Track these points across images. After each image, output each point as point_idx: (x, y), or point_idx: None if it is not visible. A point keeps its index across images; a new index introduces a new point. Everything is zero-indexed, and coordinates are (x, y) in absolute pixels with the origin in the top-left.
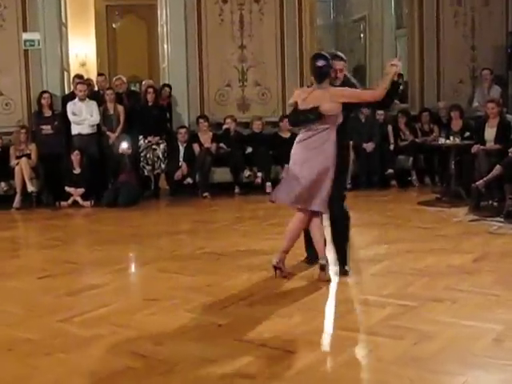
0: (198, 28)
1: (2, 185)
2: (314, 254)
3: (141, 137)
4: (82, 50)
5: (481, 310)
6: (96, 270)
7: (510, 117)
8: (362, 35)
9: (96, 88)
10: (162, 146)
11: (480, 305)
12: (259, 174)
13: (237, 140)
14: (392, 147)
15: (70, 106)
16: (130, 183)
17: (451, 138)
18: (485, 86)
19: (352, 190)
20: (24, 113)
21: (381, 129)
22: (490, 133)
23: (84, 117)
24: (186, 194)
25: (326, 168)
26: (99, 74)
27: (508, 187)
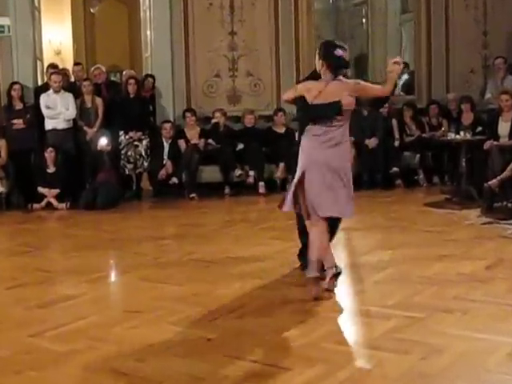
0: (183, 13)
1: None
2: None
3: (121, 132)
4: (57, 37)
5: (494, 321)
6: (71, 279)
7: None
8: (364, 20)
9: (72, 79)
10: (144, 142)
11: (493, 316)
12: (251, 172)
13: (227, 136)
14: (397, 143)
15: (44, 99)
16: (109, 183)
17: (462, 133)
18: (498, 75)
19: (353, 190)
20: None
21: (385, 123)
22: (504, 127)
23: (59, 110)
24: (171, 194)
25: (347, 168)
26: (76, 64)
27: None
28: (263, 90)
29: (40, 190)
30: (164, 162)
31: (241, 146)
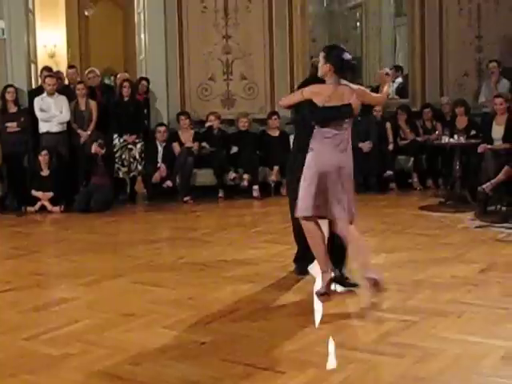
0: (178, 16)
1: None
2: (304, 266)
3: (115, 135)
4: (51, 40)
5: (488, 324)
6: (65, 283)
7: None
8: (359, 24)
9: (66, 82)
10: (138, 145)
11: (488, 319)
12: (245, 176)
13: (221, 139)
14: (391, 147)
15: (38, 102)
16: (103, 186)
17: (455, 137)
18: (492, 79)
19: None
20: None
21: (379, 127)
22: (497, 131)
23: (53, 113)
24: (165, 198)
25: (351, 171)
26: (70, 67)
27: None
28: (257, 93)
29: (34, 193)
30: (158, 165)
31: (235, 150)
